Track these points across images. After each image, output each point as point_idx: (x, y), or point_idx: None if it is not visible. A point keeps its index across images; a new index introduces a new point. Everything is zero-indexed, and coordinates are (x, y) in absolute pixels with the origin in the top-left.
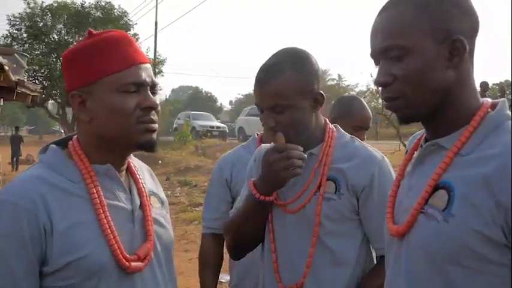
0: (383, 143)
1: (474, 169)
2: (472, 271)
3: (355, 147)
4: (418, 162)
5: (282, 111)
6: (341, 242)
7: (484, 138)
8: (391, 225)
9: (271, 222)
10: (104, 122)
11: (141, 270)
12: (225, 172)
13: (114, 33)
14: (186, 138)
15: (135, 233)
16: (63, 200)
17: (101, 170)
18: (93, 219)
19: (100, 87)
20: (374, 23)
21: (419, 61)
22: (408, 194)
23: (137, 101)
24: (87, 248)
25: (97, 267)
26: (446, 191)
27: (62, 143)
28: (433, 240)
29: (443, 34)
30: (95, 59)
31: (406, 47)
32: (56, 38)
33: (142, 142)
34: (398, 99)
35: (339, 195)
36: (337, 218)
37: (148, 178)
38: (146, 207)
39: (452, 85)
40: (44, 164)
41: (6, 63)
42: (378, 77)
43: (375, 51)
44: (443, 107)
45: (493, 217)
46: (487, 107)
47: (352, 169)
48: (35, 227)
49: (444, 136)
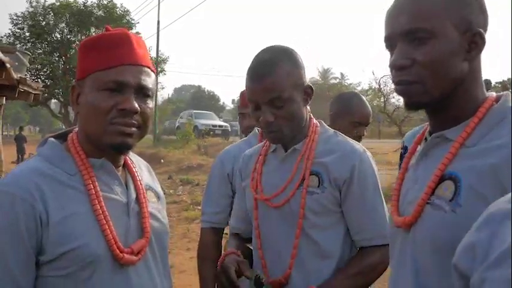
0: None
1: (480, 160)
2: None
3: (337, 142)
4: (422, 155)
5: (281, 105)
6: (325, 234)
7: (489, 129)
8: (396, 217)
9: (256, 219)
10: (83, 117)
11: (134, 263)
12: (226, 166)
13: (118, 31)
14: (188, 137)
15: (130, 226)
16: (60, 191)
17: (97, 164)
18: (89, 211)
19: (87, 82)
20: (396, 4)
21: (444, 47)
22: (414, 186)
23: (116, 101)
24: (82, 239)
25: (92, 258)
26: (453, 182)
27: (62, 136)
28: (440, 230)
29: (466, 25)
30: (89, 55)
31: (432, 31)
32: (59, 37)
33: (111, 144)
34: (414, 84)
35: (322, 188)
36: (320, 211)
37: (145, 173)
38: (142, 202)
39: (466, 76)
40: (41, 157)
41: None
42: (394, 59)
43: (395, 33)
44: (453, 97)
45: None
46: (492, 99)
47: (334, 162)
48: (31, 217)
49: (449, 128)
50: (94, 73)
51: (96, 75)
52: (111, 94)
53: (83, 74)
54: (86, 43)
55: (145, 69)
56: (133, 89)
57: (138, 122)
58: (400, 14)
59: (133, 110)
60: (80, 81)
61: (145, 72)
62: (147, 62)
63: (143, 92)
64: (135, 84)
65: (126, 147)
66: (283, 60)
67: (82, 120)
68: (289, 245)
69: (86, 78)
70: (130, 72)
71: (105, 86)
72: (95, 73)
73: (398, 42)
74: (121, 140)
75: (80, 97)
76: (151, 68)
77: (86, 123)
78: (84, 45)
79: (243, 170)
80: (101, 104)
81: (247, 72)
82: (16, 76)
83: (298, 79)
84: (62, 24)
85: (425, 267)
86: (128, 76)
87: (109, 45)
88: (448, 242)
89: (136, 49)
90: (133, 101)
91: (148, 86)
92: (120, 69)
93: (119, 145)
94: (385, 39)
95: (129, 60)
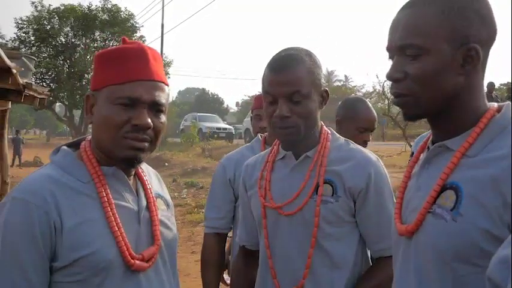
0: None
1: (482, 170)
2: (480, 268)
3: (350, 150)
4: (425, 164)
5: (299, 101)
6: (339, 244)
7: (491, 140)
8: (399, 224)
9: (265, 228)
10: (97, 129)
11: (145, 270)
12: (228, 172)
13: (134, 45)
14: (192, 140)
15: (141, 233)
16: (73, 198)
17: (109, 172)
18: (101, 218)
19: (102, 95)
20: (396, 18)
21: (434, 63)
22: (416, 194)
23: (130, 116)
24: (95, 245)
25: (104, 264)
26: (454, 191)
27: (75, 144)
28: (441, 238)
29: (460, 40)
30: (106, 68)
31: (424, 47)
32: (63, 40)
33: (122, 157)
34: (406, 97)
35: (336, 197)
36: (334, 221)
37: (155, 181)
38: (153, 209)
39: (461, 90)
40: (55, 165)
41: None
42: (390, 71)
43: (392, 46)
44: (450, 109)
45: (500, 216)
46: (494, 110)
47: (349, 171)
48: (45, 224)
49: (451, 138)
50: (109, 86)
51: (110, 88)
52: (125, 108)
53: (98, 85)
54: (102, 55)
55: (159, 84)
56: (147, 105)
57: (150, 136)
58: (396, 29)
59: (146, 126)
60: (94, 91)
61: (159, 88)
62: (162, 76)
63: (156, 107)
64: (149, 100)
65: (137, 161)
66: (306, 58)
67: (95, 131)
68: (302, 255)
69: (101, 90)
70: (144, 88)
71: (119, 101)
72: (110, 86)
73: (395, 55)
74: (132, 154)
75: (94, 107)
76: (165, 82)
77: (99, 134)
78: (100, 57)
79: (247, 180)
80: (115, 118)
81: (268, 65)
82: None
83: (317, 79)
84: (67, 28)
85: (428, 275)
86: (141, 92)
87: (124, 60)
88: (449, 250)
89: (152, 64)
90: (147, 116)
91: (162, 101)
92: (134, 84)
93: (130, 159)
94: (386, 50)
95: (143, 76)
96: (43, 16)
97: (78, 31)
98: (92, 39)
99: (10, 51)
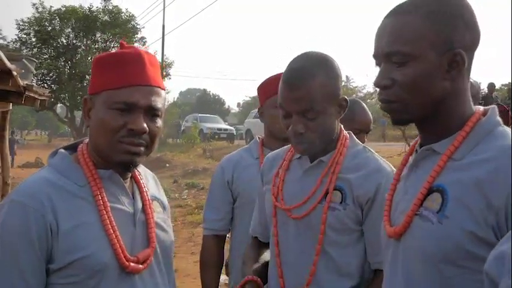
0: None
1: (467, 173)
2: (466, 270)
3: (365, 158)
4: (413, 167)
5: (313, 117)
6: (344, 252)
7: (476, 143)
8: (388, 227)
9: (275, 227)
10: (94, 132)
11: (140, 272)
12: (226, 174)
13: (131, 50)
14: (193, 141)
15: (136, 235)
16: (69, 201)
17: (105, 175)
18: (97, 221)
19: (100, 99)
20: (382, 25)
21: (420, 69)
22: (404, 197)
23: (126, 121)
24: (90, 248)
25: (99, 266)
26: (440, 194)
27: (72, 147)
28: (428, 240)
29: (446, 46)
30: (102, 72)
31: (410, 54)
32: (64, 42)
33: (118, 161)
34: (394, 103)
35: (344, 205)
36: (341, 229)
37: (152, 184)
38: (148, 212)
39: (447, 95)
40: (52, 168)
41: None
42: (378, 79)
43: (379, 53)
44: (437, 114)
45: (484, 218)
46: (480, 113)
47: (359, 180)
48: (42, 226)
49: (438, 141)
50: (106, 91)
51: (107, 93)
52: (121, 113)
53: (96, 89)
54: (100, 60)
55: (156, 89)
56: (143, 110)
57: (146, 140)
58: (382, 36)
59: (142, 131)
60: (92, 95)
61: (155, 93)
62: (158, 81)
63: (152, 112)
64: (145, 105)
65: (133, 165)
66: (319, 71)
67: (92, 134)
68: (307, 260)
69: (98, 94)
70: (140, 93)
71: (116, 106)
72: (107, 91)
73: (382, 62)
74: (128, 158)
75: (91, 111)
76: (161, 87)
77: (95, 138)
78: (98, 61)
79: (265, 173)
80: (111, 122)
81: (283, 75)
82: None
83: (332, 91)
84: (68, 29)
85: (415, 276)
86: (138, 97)
87: (122, 65)
88: (435, 252)
89: (148, 69)
90: (143, 121)
91: (158, 106)
92: (131, 90)
93: (125, 163)
94: (373, 57)
95: (140, 81)
96: (44, 17)
97: (79, 32)
98: (93, 40)
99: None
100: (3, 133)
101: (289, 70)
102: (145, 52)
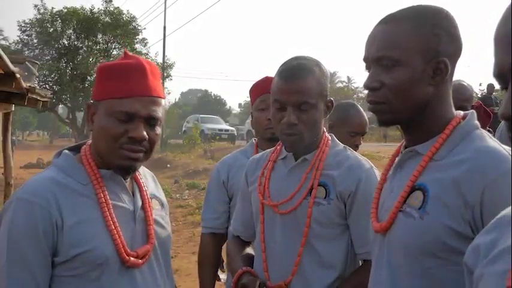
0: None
1: (446, 172)
2: (446, 261)
3: (346, 156)
4: (398, 167)
5: (307, 110)
6: (329, 245)
7: (455, 145)
8: (375, 223)
9: (262, 223)
10: (96, 137)
11: (140, 266)
12: (222, 174)
13: (133, 61)
14: (194, 142)
15: (136, 231)
16: (73, 199)
17: (106, 175)
18: (99, 217)
19: (102, 106)
20: (372, 32)
21: (407, 74)
22: (390, 195)
23: (126, 129)
24: (93, 242)
25: (101, 260)
26: (422, 192)
27: (76, 148)
28: (410, 235)
29: (432, 55)
30: (105, 81)
31: (399, 59)
32: (66, 43)
33: (119, 166)
34: (382, 104)
35: (328, 200)
36: (326, 223)
37: (151, 183)
38: (148, 209)
39: (431, 99)
40: (57, 167)
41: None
42: (367, 81)
43: (369, 58)
44: (421, 117)
45: (462, 214)
46: (459, 118)
47: (341, 176)
48: (48, 222)
49: (421, 143)
50: (109, 99)
51: (109, 102)
52: (123, 121)
53: (99, 96)
54: (103, 68)
55: (156, 99)
56: (143, 119)
57: (145, 147)
58: (373, 41)
59: (142, 139)
60: (95, 101)
61: (155, 103)
62: (158, 91)
63: (152, 121)
64: (145, 115)
65: (132, 169)
66: (316, 68)
67: (95, 138)
68: (293, 252)
69: (101, 101)
70: (141, 104)
71: (117, 115)
72: (109, 100)
73: (372, 66)
74: (128, 164)
75: (94, 116)
76: (161, 97)
77: (98, 142)
78: (102, 70)
79: (250, 174)
80: (113, 129)
81: (278, 73)
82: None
83: (324, 90)
84: (69, 30)
85: (399, 268)
86: (139, 108)
87: (124, 75)
88: (417, 246)
89: (150, 80)
90: (143, 129)
91: (157, 115)
92: (132, 100)
93: (125, 168)
94: (363, 61)
95: (141, 92)
96: (46, 19)
97: (80, 34)
98: (94, 41)
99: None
100: (6, 134)
101: (286, 66)
102: (147, 62)
